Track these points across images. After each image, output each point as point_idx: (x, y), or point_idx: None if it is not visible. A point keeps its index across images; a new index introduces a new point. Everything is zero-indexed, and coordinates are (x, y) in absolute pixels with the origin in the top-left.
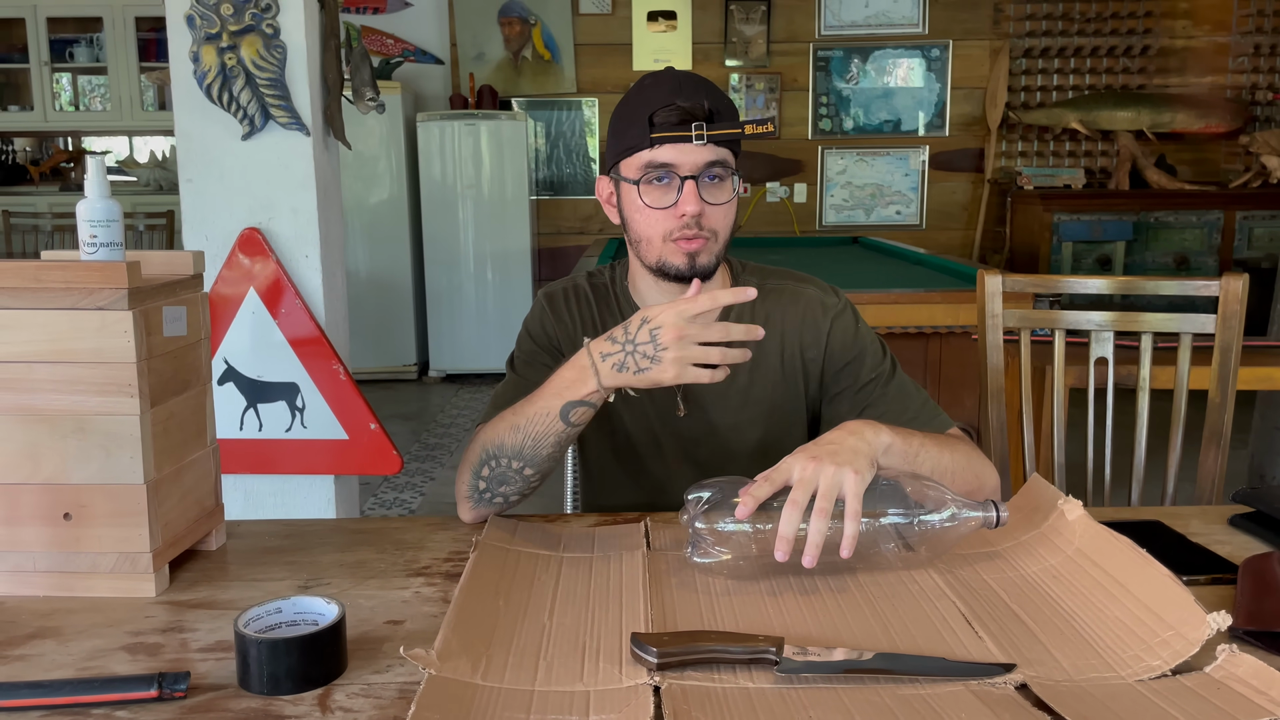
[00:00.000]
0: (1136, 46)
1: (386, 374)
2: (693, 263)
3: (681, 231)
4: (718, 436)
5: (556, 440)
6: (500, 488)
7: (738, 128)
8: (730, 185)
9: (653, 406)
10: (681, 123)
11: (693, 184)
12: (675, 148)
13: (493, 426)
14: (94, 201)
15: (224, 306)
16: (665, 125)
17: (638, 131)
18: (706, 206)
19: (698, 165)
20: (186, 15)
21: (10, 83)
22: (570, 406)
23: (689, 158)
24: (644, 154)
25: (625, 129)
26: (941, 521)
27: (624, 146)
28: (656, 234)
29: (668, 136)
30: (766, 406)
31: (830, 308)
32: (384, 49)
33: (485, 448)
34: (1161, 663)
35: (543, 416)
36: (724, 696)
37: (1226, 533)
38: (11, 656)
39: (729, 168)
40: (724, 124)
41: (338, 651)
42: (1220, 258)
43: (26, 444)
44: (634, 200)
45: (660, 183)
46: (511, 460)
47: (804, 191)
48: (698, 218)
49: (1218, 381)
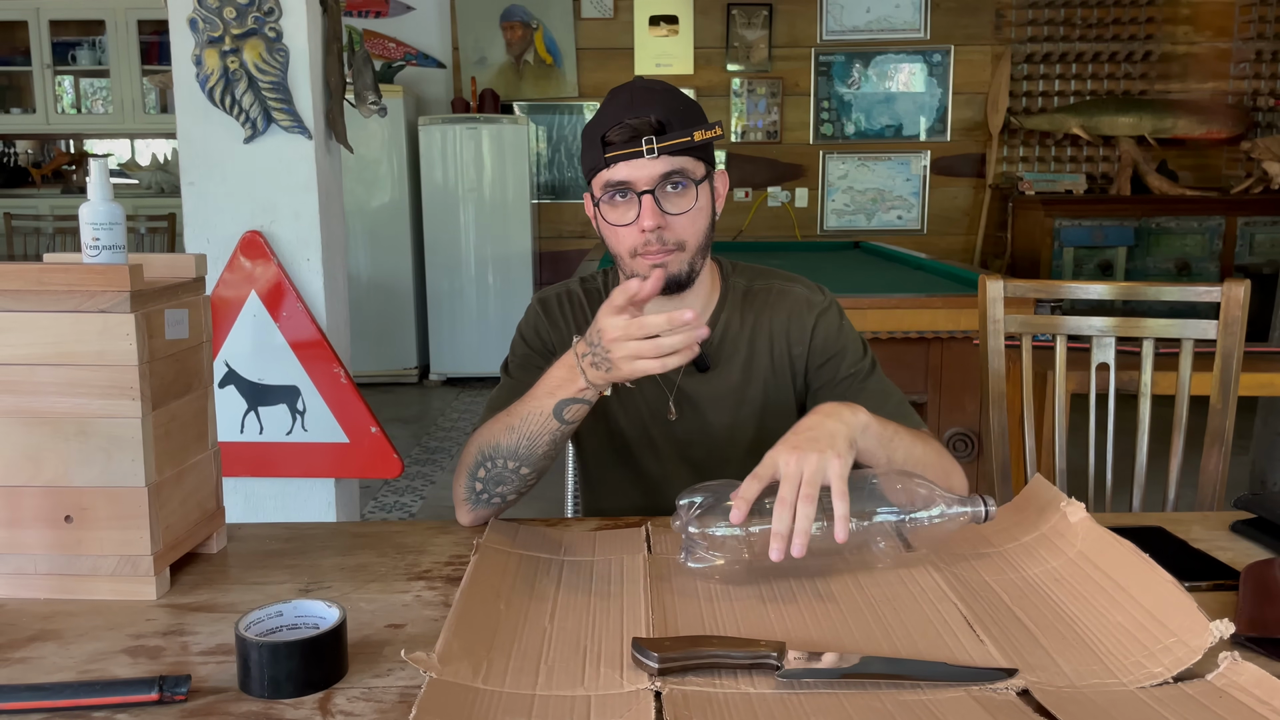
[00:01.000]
0: (1138, 52)
1: (387, 377)
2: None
3: (645, 247)
4: (712, 437)
5: (551, 438)
6: (497, 488)
7: (686, 136)
8: (693, 192)
9: (646, 408)
10: (632, 139)
11: (650, 198)
12: (629, 164)
13: (487, 429)
14: (97, 204)
15: (225, 309)
16: (617, 143)
17: (595, 152)
18: (669, 218)
19: (653, 179)
20: (189, 18)
21: (12, 85)
22: (564, 404)
23: (642, 173)
24: (603, 173)
25: (587, 149)
26: (931, 518)
27: (587, 167)
28: (624, 249)
29: (620, 155)
30: (759, 405)
31: (816, 305)
32: (386, 53)
33: (481, 449)
34: (1164, 669)
35: (537, 416)
36: (725, 702)
37: (1228, 539)
38: (12, 659)
39: (690, 176)
40: (674, 134)
41: (339, 655)
42: (1221, 264)
43: (28, 446)
44: (602, 219)
45: (620, 199)
46: (508, 461)
47: (805, 196)
48: (660, 232)
49: (1219, 387)
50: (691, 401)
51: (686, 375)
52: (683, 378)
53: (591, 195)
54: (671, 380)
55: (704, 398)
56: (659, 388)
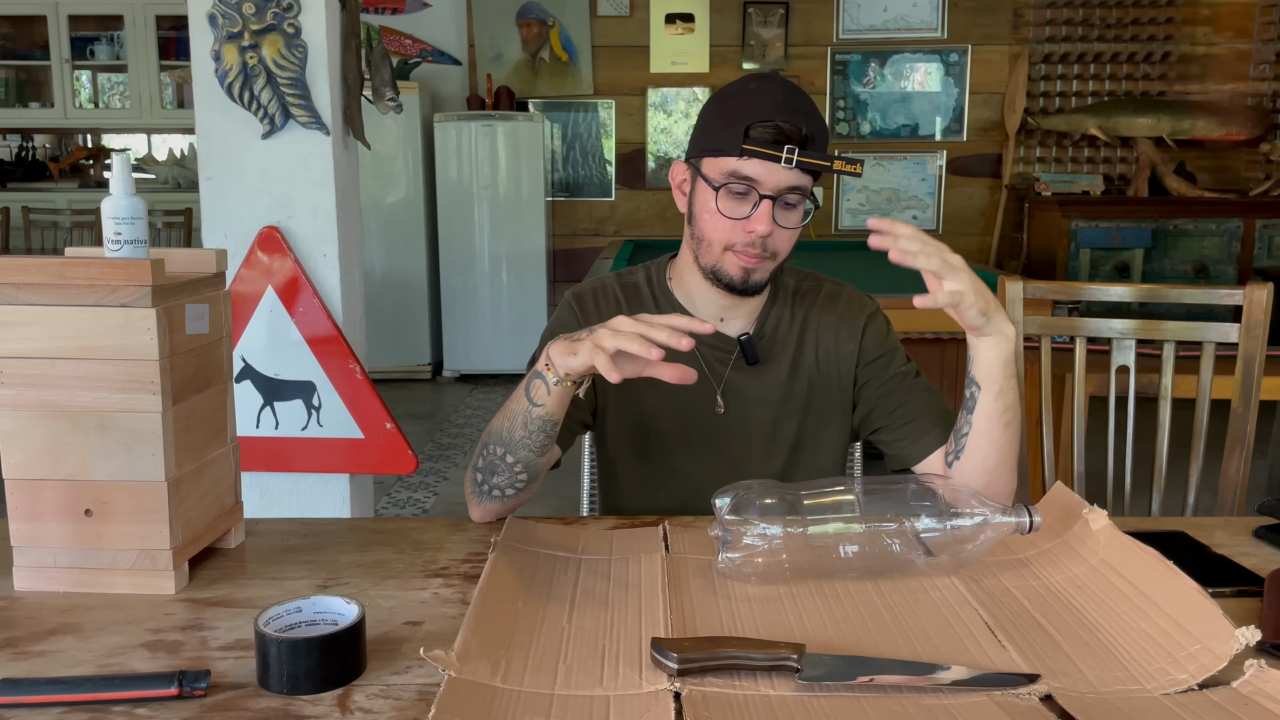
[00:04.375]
0: (1157, 53)
1: (401, 373)
2: (747, 277)
3: (745, 247)
4: (753, 432)
5: (525, 422)
6: (492, 478)
7: (828, 160)
8: (802, 211)
9: (690, 401)
10: (775, 142)
11: (769, 204)
12: (763, 165)
13: (493, 417)
14: (119, 199)
15: (242, 304)
16: (759, 140)
17: (730, 137)
18: (776, 229)
19: (779, 186)
20: (209, 14)
21: (31, 80)
22: (531, 378)
23: (774, 178)
24: (731, 161)
25: (719, 129)
26: (974, 526)
27: (713, 146)
28: (719, 240)
29: (759, 152)
30: (803, 403)
31: (866, 307)
32: (402, 49)
33: (484, 435)
34: (1188, 676)
35: (517, 400)
36: (745, 703)
37: (1251, 544)
38: (32, 652)
39: (805, 194)
40: (815, 152)
41: (357, 652)
42: (1240, 266)
43: (49, 440)
44: (707, 202)
45: (739, 194)
46: (496, 447)
47: (820, 195)
48: (765, 238)
49: (1241, 391)
50: (737, 396)
51: (735, 369)
52: (730, 371)
53: (696, 169)
54: (719, 373)
55: (750, 393)
56: (706, 381)
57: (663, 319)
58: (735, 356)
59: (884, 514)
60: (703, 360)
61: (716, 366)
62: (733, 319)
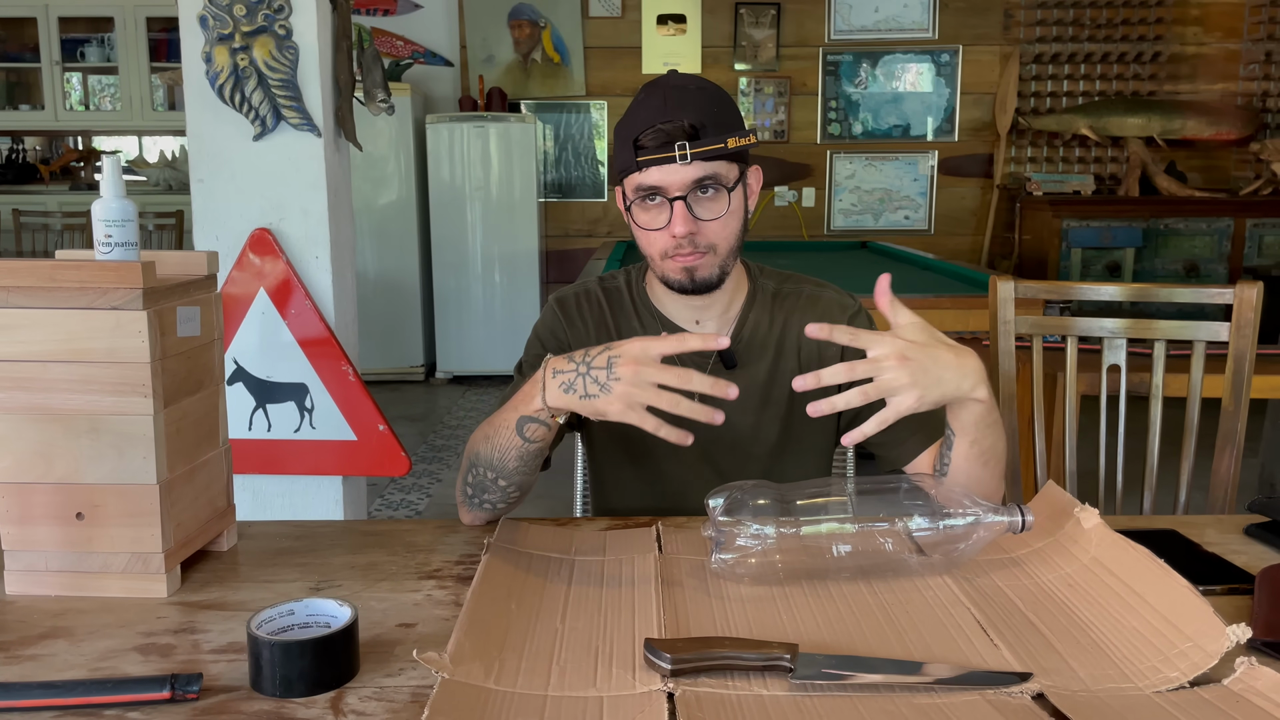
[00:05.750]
0: (1147, 53)
1: (393, 375)
2: (691, 277)
3: (676, 250)
4: (736, 437)
5: (519, 455)
6: (484, 495)
7: (720, 143)
8: (725, 197)
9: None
10: (664, 144)
11: (681, 204)
12: (661, 169)
13: (475, 434)
14: (110, 201)
15: (234, 306)
16: (650, 147)
17: (627, 153)
18: (701, 223)
19: (685, 184)
20: (199, 16)
21: (21, 82)
22: (524, 421)
23: (675, 178)
24: (634, 176)
25: (620, 149)
26: (966, 525)
27: (619, 167)
28: (655, 252)
29: (653, 159)
30: (785, 407)
31: (848, 308)
32: (394, 51)
33: (469, 456)
34: (1179, 674)
35: (505, 430)
36: (738, 704)
37: (1242, 542)
38: (24, 656)
39: (722, 182)
40: (707, 140)
41: (350, 654)
42: (1230, 265)
43: (40, 443)
44: (632, 220)
45: (652, 203)
46: (485, 470)
47: (812, 196)
48: (691, 236)
49: (1231, 389)
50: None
51: (714, 373)
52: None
53: (623, 193)
54: None
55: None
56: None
57: (678, 344)
58: (713, 361)
59: (876, 514)
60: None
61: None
62: (708, 322)
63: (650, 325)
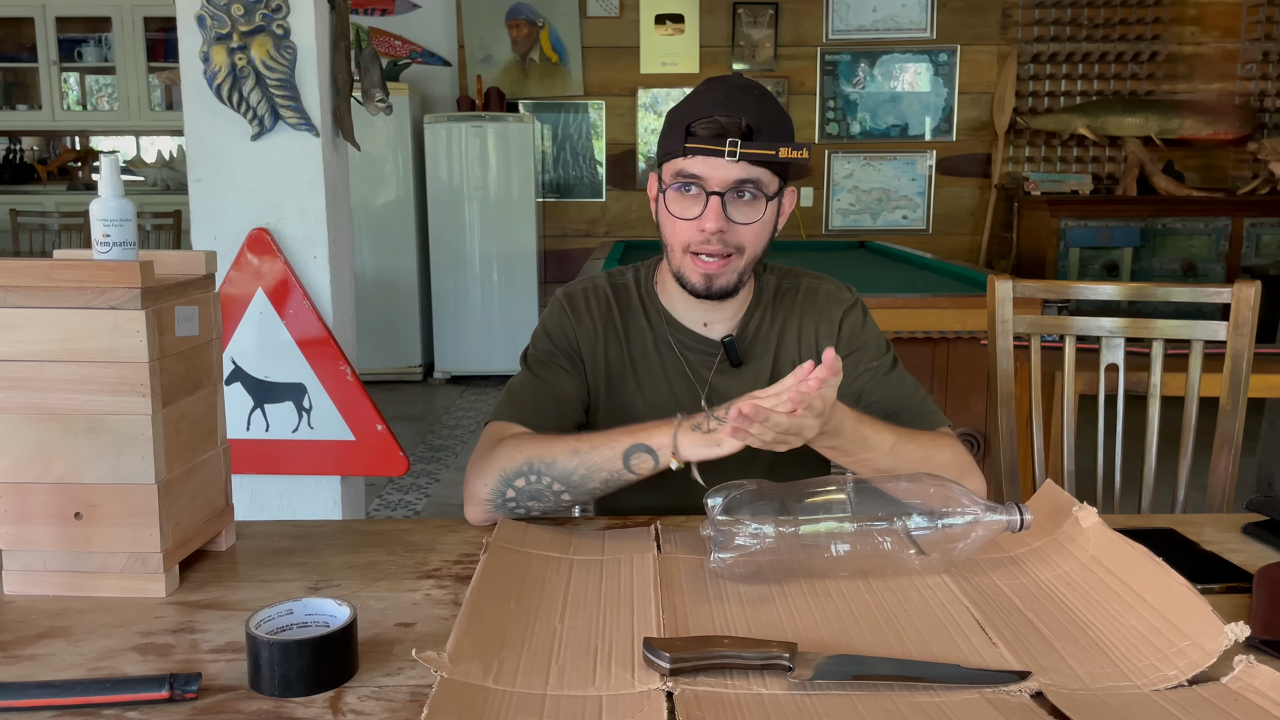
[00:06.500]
0: (1145, 52)
1: (392, 375)
2: (709, 284)
3: (701, 245)
4: None
5: (607, 479)
6: (529, 502)
7: (772, 149)
8: (761, 205)
9: (675, 404)
10: (717, 136)
11: (718, 200)
12: (706, 161)
13: (547, 444)
14: (108, 201)
15: (232, 306)
16: (700, 137)
17: (676, 138)
18: (733, 224)
19: (726, 181)
20: (197, 15)
21: (19, 82)
22: (635, 449)
23: (718, 173)
24: (678, 162)
25: (669, 133)
26: (965, 524)
27: (664, 151)
28: (678, 242)
29: (700, 148)
30: None
31: (843, 301)
32: (392, 50)
33: (530, 461)
34: (1178, 673)
35: (606, 449)
36: (737, 702)
37: (1240, 541)
38: (22, 656)
39: (763, 189)
40: (759, 143)
41: (349, 653)
42: (1228, 265)
43: (38, 443)
44: (664, 205)
45: (688, 193)
46: (555, 481)
47: (810, 195)
48: (721, 234)
49: (1229, 388)
50: (721, 398)
51: (719, 372)
52: (714, 374)
53: (659, 178)
54: (703, 376)
55: (734, 395)
56: (690, 384)
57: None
58: (719, 359)
59: (875, 513)
60: (687, 363)
61: (700, 369)
62: (715, 322)
63: (657, 324)
